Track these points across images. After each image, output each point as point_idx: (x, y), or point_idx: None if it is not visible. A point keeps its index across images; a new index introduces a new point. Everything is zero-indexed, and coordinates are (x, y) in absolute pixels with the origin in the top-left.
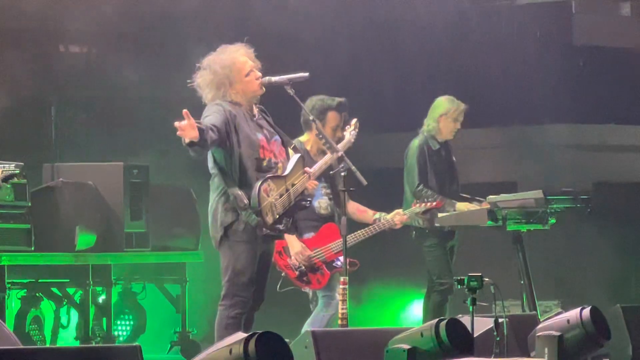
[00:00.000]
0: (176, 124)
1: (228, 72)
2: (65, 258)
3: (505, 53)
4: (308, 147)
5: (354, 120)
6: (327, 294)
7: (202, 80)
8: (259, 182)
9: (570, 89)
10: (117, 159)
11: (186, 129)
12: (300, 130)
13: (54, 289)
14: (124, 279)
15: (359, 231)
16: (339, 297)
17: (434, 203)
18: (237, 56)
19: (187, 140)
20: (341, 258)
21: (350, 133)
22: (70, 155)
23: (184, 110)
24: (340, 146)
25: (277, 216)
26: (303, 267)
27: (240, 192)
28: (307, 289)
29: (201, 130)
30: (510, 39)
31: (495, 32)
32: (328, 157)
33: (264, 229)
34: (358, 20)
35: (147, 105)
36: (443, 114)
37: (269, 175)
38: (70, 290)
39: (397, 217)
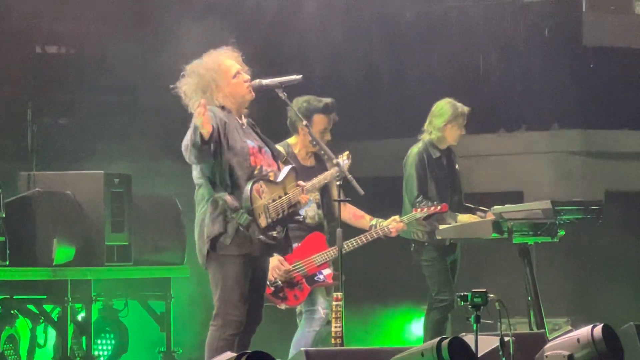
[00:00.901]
0: (200, 107)
1: (213, 74)
2: (42, 273)
3: (510, 53)
4: (296, 151)
5: (346, 153)
6: (309, 309)
7: (187, 87)
8: (250, 182)
9: (581, 92)
10: (98, 167)
11: (206, 115)
12: (286, 132)
13: (30, 306)
14: (104, 296)
15: (351, 239)
16: (322, 311)
17: (439, 207)
18: (222, 59)
19: (203, 132)
20: (324, 271)
21: (343, 162)
22: (47, 163)
23: (202, 100)
24: (332, 173)
25: (271, 221)
26: (280, 283)
27: (230, 197)
28: (283, 306)
29: (213, 130)
30: (515, 38)
31: (500, 31)
32: (328, 174)
33: (258, 233)
34: (354, 20)
35: (130, 111)
36: (449, 121)
37: (261, 176)
38: (48, 308)
39: (393, 223)
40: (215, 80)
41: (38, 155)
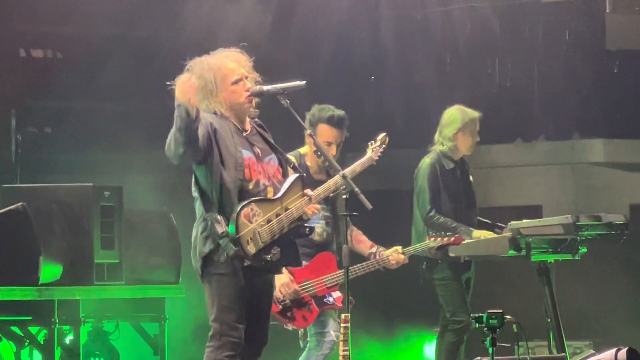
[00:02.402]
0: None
1: (212, 76)
2: (27, 293)
3: (528, 58)
4: (308, 162)
5: (382, 135)
6: (319, 331)
7: None
8: (239, 206)
9: (604, 99)
10: (86, 180)
11: (186, 86)
12: (301, 141)
13: (14, 328)
14: (94, 317)
15: (355, 266)
16: (333, 334)
17: (452, 239)
18: (227, 61)
19: (179, 100)
20: (334, 294)
21: (372, 149)
22: (32, 175)
23: (187, 75)
24: (359, 163)
25: (263, 245)
26: (288, 302)
27: (219, 217)
28: (290, 326)
29: (197, 112)
30: (534, 41)
31: (518, 34)
32: (331, 183)
33: (246, 262)
34: (361, 20)
35: (121, 119)
36: (460, 129)
37: (253, 199)
38: (33, 330)
39: (394, 255)
40: (213, 83)
41: (22, 166)
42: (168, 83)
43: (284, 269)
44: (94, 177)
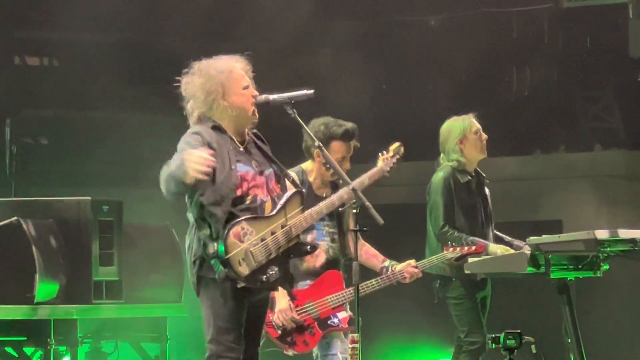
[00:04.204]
0: (198, 153)
1: (224, 78)
2: (22, 312)
3: (547, 65)
4: (311, 178)
5: (396, 145)
6: (324, 354)
7: (190, 86)
8: (229, 225)
9: (626, 109)
10: (84, 193)
11: (205, 163)
12: (301, 156)
13: (9, 349)
14: (92, 337)
15: (362, 283)
16: (340, 356)
17: (473, 247)
18: (237, 65)
19: (191, 178)
20: (339, 314)
21: (384, 160)
22: (27, 188)
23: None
24: (368, 175)
25: (257, 265)
26: (287, 326)
27: (209, 238)
28: (290, 352)
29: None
30: (554, 49)
31: (536, 41)
32: (335, 198)
33: (240, 283)
34: (372, 25)
35: (121, 128)
36: (461, 137)
37: (244, 217)
38: (28, 350)
39: (408, 269)
40: (223, 85)
41: (17, 179)
42: (177, 78)
43: (285, 294)
44: (92, 191)
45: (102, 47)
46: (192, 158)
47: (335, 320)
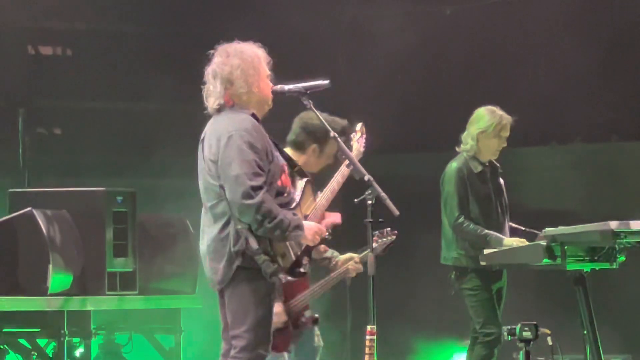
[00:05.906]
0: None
1: (257, 61)
2: (36, 303)
3: (563, 54)
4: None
5: (359, 125)
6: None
7: (228, 68)
8: None
9: None
10: (98, 184)
11: (320, 234)
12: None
13: (22, 340)
14: (106, 329)
15: (314, 285)
16: (316, 339)
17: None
18: (260, 52)
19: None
20: (306, 313)
21: (357, 141)
22: (41, 179)
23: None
24: (355, 158)
25: (295, 257)
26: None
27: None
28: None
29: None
30: (570, 36)
31: (551, 28)
32: (339, 176)
33: (282, 277)
34: (385, 14)
35: (134, 119)
36: (482, 130)
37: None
38: (42, 342)
39: (352, 263)
40: (256, 68)
41: (31, 170)
42: (211, 51)
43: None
44: (106, 181)
45: (116, 36)
46: (315, 231)
47: (303, 319)
